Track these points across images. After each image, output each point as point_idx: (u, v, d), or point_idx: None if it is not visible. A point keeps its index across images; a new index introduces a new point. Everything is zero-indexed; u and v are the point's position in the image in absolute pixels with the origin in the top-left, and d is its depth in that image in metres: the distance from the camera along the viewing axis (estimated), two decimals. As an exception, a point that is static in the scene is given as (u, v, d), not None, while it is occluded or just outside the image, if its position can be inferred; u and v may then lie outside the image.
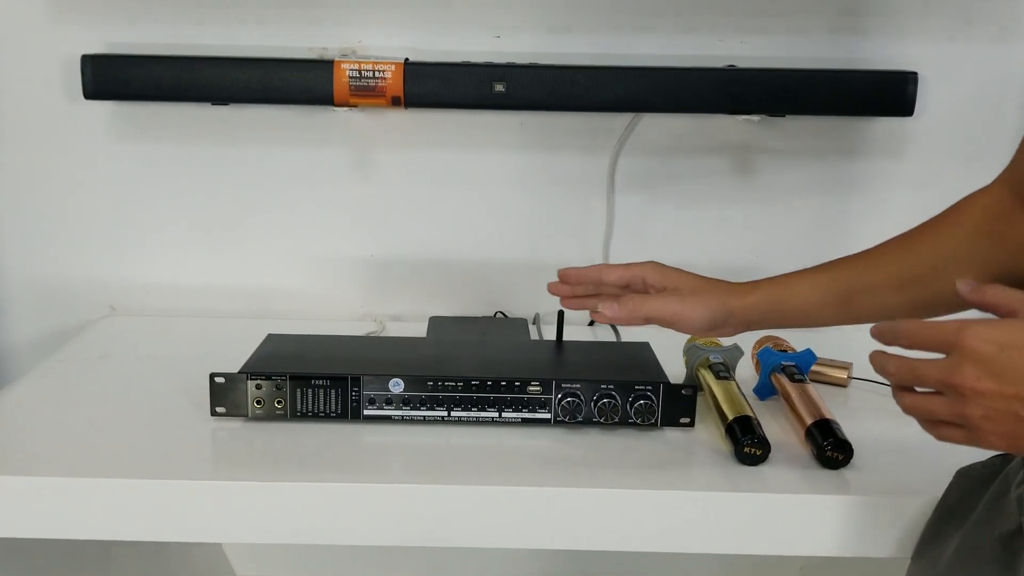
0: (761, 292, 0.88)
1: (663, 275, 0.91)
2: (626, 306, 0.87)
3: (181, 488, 0.84)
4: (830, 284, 0.87)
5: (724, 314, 0.87)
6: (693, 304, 0.87)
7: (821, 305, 0.87)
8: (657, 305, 0.87)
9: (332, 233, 1.32)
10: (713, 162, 1.30)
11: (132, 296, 1.34)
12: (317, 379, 0.96)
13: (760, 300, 0.88)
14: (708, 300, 0.87)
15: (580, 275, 0.94)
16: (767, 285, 0.89)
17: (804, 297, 0.87)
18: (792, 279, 0.89)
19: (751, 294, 0.88)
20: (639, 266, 0.92)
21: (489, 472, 0.87)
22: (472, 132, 1.28)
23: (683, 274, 0.91)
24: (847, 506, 0.85)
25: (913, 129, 1.28)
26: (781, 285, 0.88)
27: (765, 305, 0.88)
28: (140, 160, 1.29)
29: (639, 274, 0.92)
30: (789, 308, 0.88)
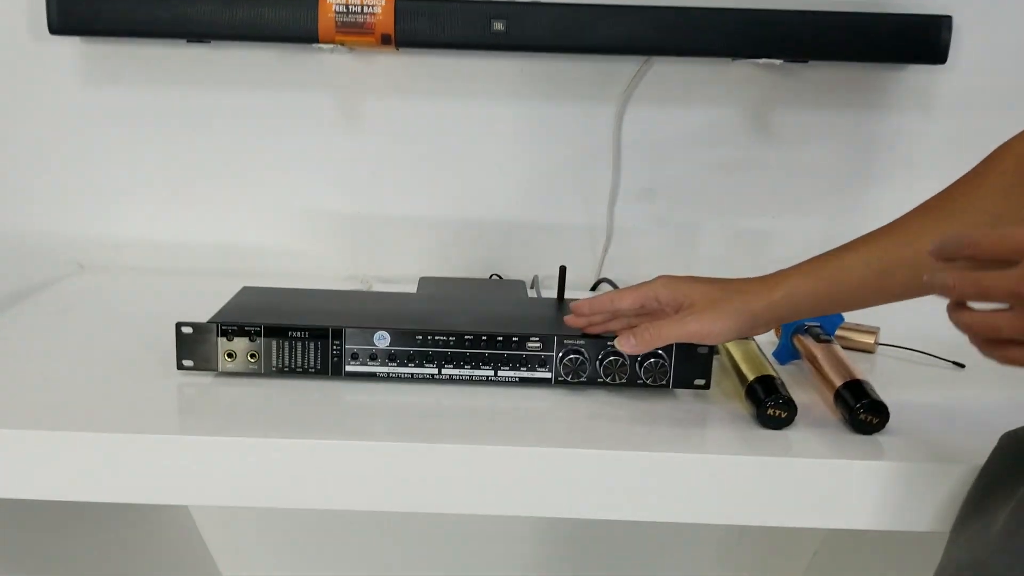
0: (787, 286, 0.80)
1: (675, 291, 0.84)
2: (642, 338, 0.82)
3: (141, 443, 0.76)
4: (866, 265, 0.79)
5: (748, 320, 0.80)
6: (712, 319, 0.80)
7: (857, 288, 0.80)
8: (674, 329, 0.81)
9: (316, 187, 1.26)
10: (729, 114, 1.23)
11: (102, 253, 1.28)
12: (295, 331, 0.87)
13: (787, 295, 0.80)
14: (727, 312, 0.80)
15: (593, 306, 0.88)
16: (793, 277, 0.81)
17: (838, 282, 0.80)
18: (821, 264, 0.81)
19: (775, 290, 0.80)
20: (649, 286, 0.85)
21: (483, 435, 0.79)
22: (468, 79, 1.22)
23: (696, 285, 0.84)
24: (881, 474, 0.77)
25: (945, 79, 1.21)
26: (810, 274, 0.81)
27: (795, 299, 0.80)
28: (111, 106, 1.23)
29: (651, 294, 0.85)
30: (823, 297, 0.80)
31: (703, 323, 0.80)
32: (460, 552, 1.46)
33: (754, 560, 1.44)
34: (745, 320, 0.80)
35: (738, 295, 0.81)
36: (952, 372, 1.00)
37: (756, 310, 0.80)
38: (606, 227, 1.25)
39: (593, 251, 1.26)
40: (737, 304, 0.80)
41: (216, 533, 1.45)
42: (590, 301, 0.88)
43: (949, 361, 1.01)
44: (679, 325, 0.81)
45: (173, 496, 0.78)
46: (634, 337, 0.82)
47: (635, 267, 1.25)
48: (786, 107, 1.22)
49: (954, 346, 1.04)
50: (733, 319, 0.80)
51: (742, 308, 0.80)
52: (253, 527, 1.46)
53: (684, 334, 0.81)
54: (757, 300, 0.80)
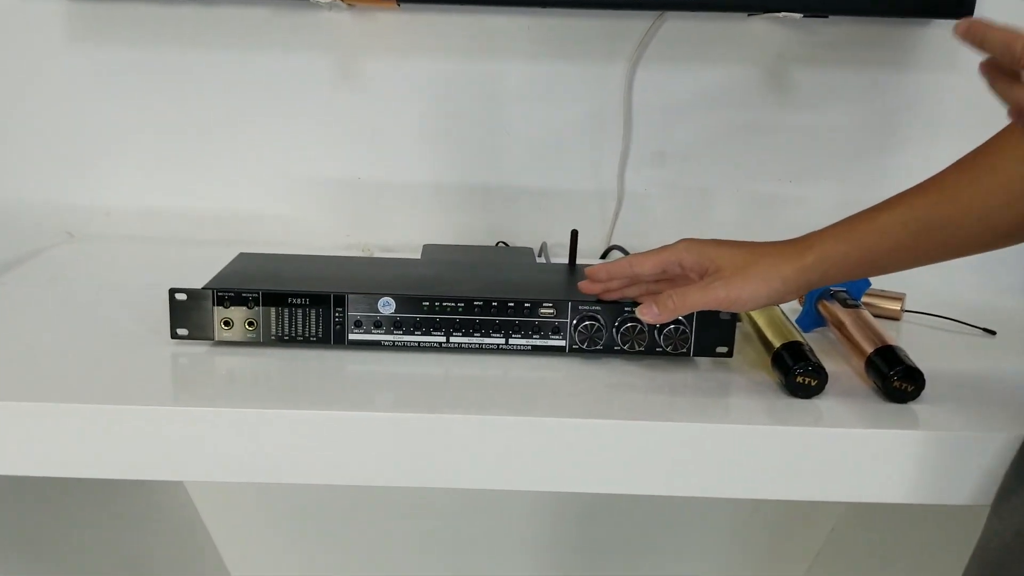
0: (819, 249, 0.75)
1: (700, 255, 0.79)
2: (666, 306, 0.77)
3: (133, 416, 0.71)
4: (902, 226, 0.75)
5: (779, 285, 0.75)
6: (740, 285, 0.75)
7: (892, 250, 0.75)
8: (700, 296, 0.76)
9: (314, 151, 1.21)
10: (745, 74, 1.18)
11: (91, 221, 1.23)
12: (295, 297, 0.82)
13: (819, 259, 0.75)
14: (756, 276, 0.75)
15: (610, 271, 0.82)
16: (825, 239, 0.76)
17: (872, 245, 0.75)
18: (854, 226, 0.76)
19: (807, 254, 0.76)
20: (672, 249, 0.80)
21: (493, 406, 0.75)
22: (473, 37, 1.17)
23: (722, 248, 0.78)
24: (918, 444, 0.73)
25: (970, 37, 1.14)
26: (842, 236, 0.76)
27: (826, 263, 0.75)
28: (99, 67, 1.17)
29: (673, 259, 0.80)
30: (856, 260, 0.76)
31: (731, 289, 0.75)
32: (466, 528, 1.42)
33: (769, 535, 1.41)
34: (775, 286, 0.75)
35: (767, 259, 0.76)
36: (983, 339, 0.96)
37: (787, 275, 0.75)
38: (616, 192, 1.21)
39: (603, 217, 1.22)
40: (766, 268, 0.75)
41: (214, 511, 1.41)
42: (607, 266, 0.83)
43: (980, 328, 0.97)
44: (705, 292, 0.76)
45: (167, 472, 0.74)
46: (656, 305, 0.77)
47: (647, 233, 1.20)
48: (804, 66, 1.17)
49: (982, 312, 1.00)
50: (763, 284, 0.75)
51: (772, 273, 0.75)
52: (252, 505, 1.42)
53: (711, 301, 0.76)
54: (787, 264, 0.75)
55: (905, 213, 0.75)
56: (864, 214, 0.76)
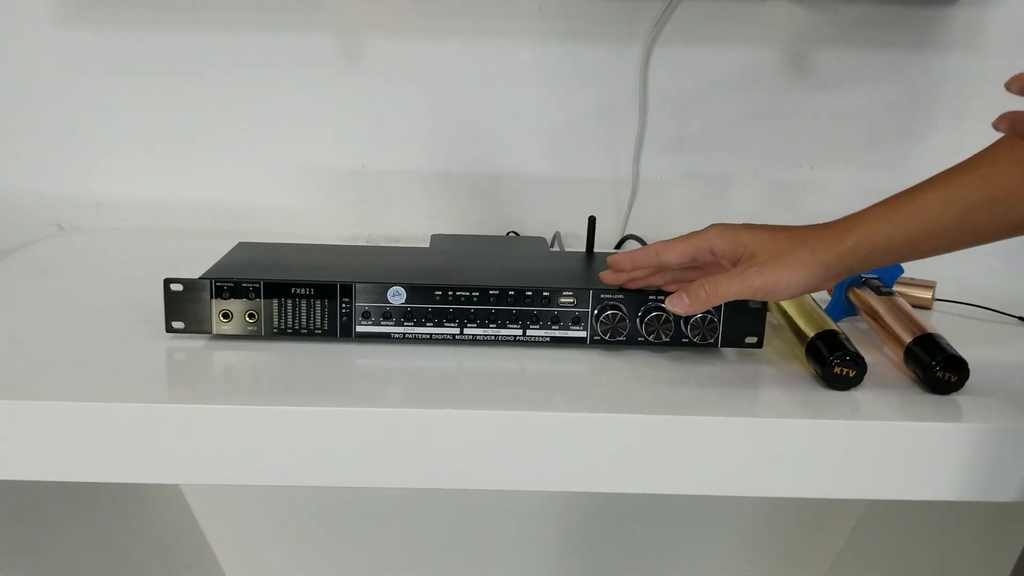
0: (860, 232, 0.71)
1: (733, 241, 0.74)
2: (698, 296, 0.72)
3: (125, 414, 0.67)
4: (946, 205, 0.70)
5: (818, 271, 0.71)
6: (777, 272, 0.70)
7: (936, 232, 0.71)
8: (734, 285, 0.71)
9: (315, 138, 1.17)
10: (764, 56, 1.14)
11: (82, 212, 1.18)
12: (299, 287, 0.78)
13: (859, 242, 0.71)
14: (795, 262, 0.71)
15: (635, 260, 0.77)
16: (865, 222, 0.71)
17: (915, 227, 0.71)
18: (895, 207, 0.72)
19: (846, 237, 0.71)
20: (702, 236, 0.75)
21: (511, 401, 0.70)
22: (483, 17, 1.13)
23: (756, 233, 0.74)
24: (965, 438, 0.69)
25: (996, 16, 1.12)
26: (883, 218, 0.71)
27: (868, 247, 0.71)
28: (90, 51, 1.13)
29: (704, 245, 0.75)
30: (899, 243, 0.71)
31: (767, 276, 0.70)
32: (472, 530, 1.38)
33: (787, 536, 1.36)
34: (814, 272, 0.71)
35: (804, 244, 0.71)
36: (1018, 328, 0.91)
37: (826, 260, 0.71)
38: (631, 179, 1.17)
39: (618, 205, 1.17)
40: (804, 254, 0.71)
41: (211, 514, 1.36)
42: (631, 255, 0.78)
43: (1015, 316, 0.93)
44: (740, 280, 0.71)
45: (162, 474, 0.69)
46: (687, 295, 0.72)
47: (663, 222, 1.16)
48: (824, 48, 1.13)
49: (1014, 301, 0.96)
50: (801, 271, 0.70)
51: (810, 258, 0.71)
52: (250, 507, 1.37)
53: (746, 290, 0.71)
54: (826, 249, 0.71)
55: (949, 192, 0.70)
56: (906, 194, 0.72)
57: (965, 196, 0.70)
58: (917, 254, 0.73)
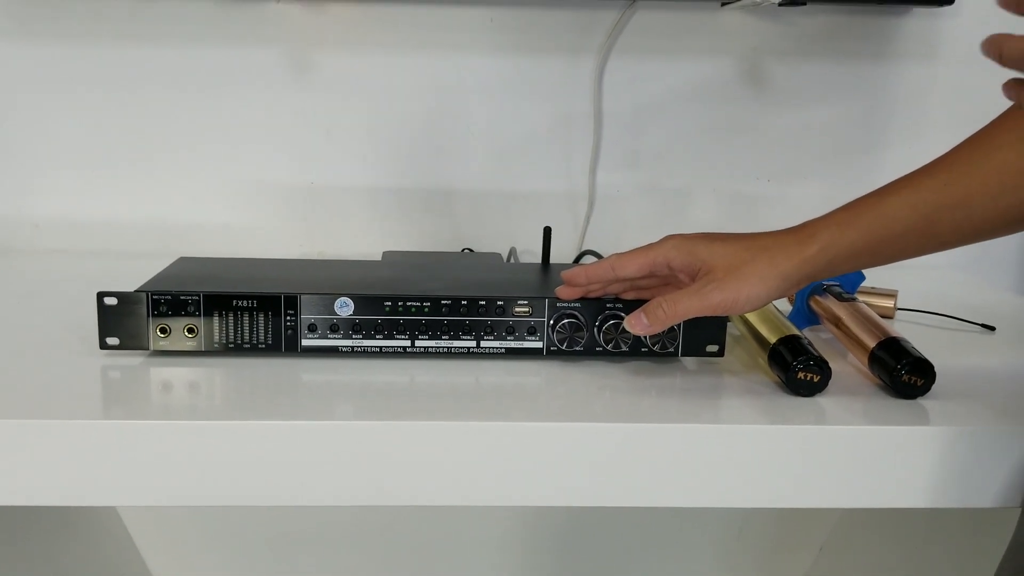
0: (822, 238, 0.69)
1: (690, 254, 0.72)
2: (656, 316, 0.70)
3: (52, 432, 0.62)
4: (911, 209, 0.69)
5: (779, 282, 0.69)
6: (737, 287, 0.68)
7: (901, 236, 0.69)
8: (694, 303, 0.69)
9: (261, 155, 1.13)
10: (720, 67, 1.13)
11: (18, 233, 1.14)
12: (241, 299, 0.74)
13: (822, 249, 0.69)
14: (753, 275, 0.69)
15: (590, 274, 0.75)
16: (828, 228, 0.70)
17: (879, 231, 0.69)
18: (859, 212, 0.70)
19: (808, 244, 0.69)
20: (658, 249, 0.73)
21: (464, 415, 0.67)
22: (433, 30, 1.10)
23: (714, 246, 0.71)
24: (937, 441, 0.67)
25: (952, 25, 1.12)
26: (846, 224, 0.70)
27: (830, 253, 0.69)
28: (26, 65, 1.09)
29: (661, 259, 0.73)
30: (863, 248, 0.69)
31: (727, 292, 0.68)
32: (432, 549, 1.32)
33: (754, 559, 1.33)
34: (775, 283, 0.69)
35: (763, 254, 0.69)
36: (982, 336, 0.90)
37: (787, 270, 0.69)
38: (588, 194, 1.15)
39: (574, 220, 1.15)
40: (762, 266, 0.69)
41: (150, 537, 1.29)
42: (586, 269, 0.75)
43: (979, 324, 0.91)
44: (699, 297, 0.69)
45: (97, 496, 0.65)
46: (646, 316, 0.70)
47: (620, 237, 1.14)
48: (781, 58, 1.12)
49: (975, 311, 0.95)
50: (761, 284, 0.68)
51: (769, 270, 0.69)
52: (192, 529, 1.29)
53: (706, 307, 0.69)
54: (787, 259, 0.69)
55: (913, 195, 0.69)
56: (868, 198, 0.70)
57: (929, 200, 0.68)
58: (880, 259, 0.71)
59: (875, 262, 0.71)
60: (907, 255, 0.71)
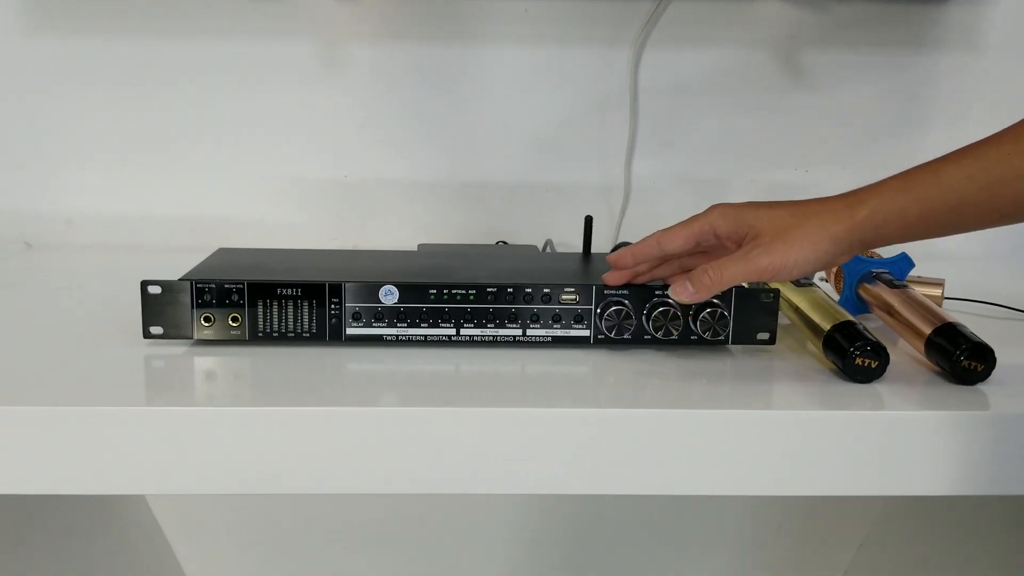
0: (873, 203, 0.67)
1: (737, 220, 0.70)
2: (701, 282, 0.69)
3: (96, 420, 0.61)
4: (969, 179, 0.66)
5: (828, 246, 0.67)
6: (785, 250, 0.67)
7: (957, 206, 0.66)
8: (740, 267, 0.68)
9: (295, 149, 1.13)
10: (755, 57, 1.11)
11: (51, 229, 1.14)
12: (285, 287, 0.73)
13: (872, 214, 0.67)
14: (802, 238, 0.67)
15: (636, 254, 0.74)
16: (880, 193, 0.68)
17: (933, 200, 0.67)
18: (913, 180, 0.68)
19: (858, 209, 0.67)
20: (703, 219, 0.72)
21: (512, 403, 0.65)
22: (467, 21, 1.10)
23: (760, 211, 0.70)
24: (997, 426, 0.65)
25: (993, 15, 1.11)
26: (900, 190, 0.67)
27: (881, 219, 0.67)
28: (59, 59, 1.09)
29: (707, 228, 0.72)
30: (915, 217, 0.67)
31: (774, 255, 0.67)
32: (471, 539, 1.30)
33: (793, 555, 1.31)
34: (824, 247, 0.67)
35: (812, 218, 0.68)
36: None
37: (836, 233, 0.67)
38: (623, 185, 1.14)
39: (610, 212, 1.14)
40: (811, 228, 0.67)
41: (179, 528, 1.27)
42: (631, 249, 0.74)
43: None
44: (745, 261, 0.67)
45: (140, 485, 0.64)
46: (691, 282, 0.69)
47: (656, 228, 1.11)
48: (818, 47, 1.11)
49: (1018, 301, 0.93)
50: (811, 247, 0.67)
51: (819, 233, 0.67)
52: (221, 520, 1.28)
53: (752, 271, 0.67)
54: (836, 222, 0.67)
55: (972, 165, 0.66)
56: (923, 167, 0.68)
57: (990, 169, 0.65)
58: (933, 230, 0.68)
59: (929, 233, 0.69)
60: (964, 228, 0.68)
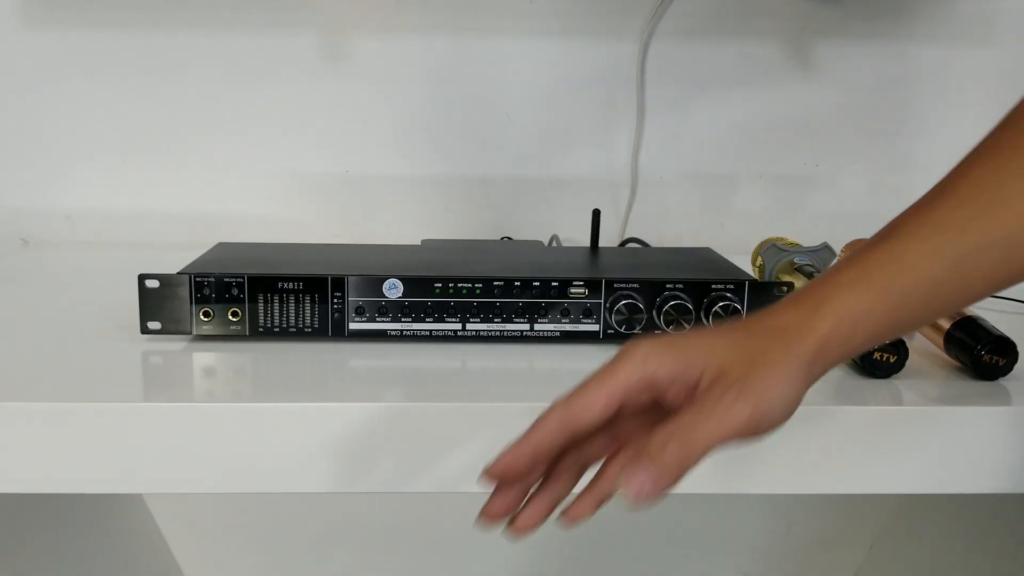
0: (832, 309, 0.52)
1: (682, 358, 0.50)
2: (664, 462, 0.47)
3: (93, 417, 0.60)
4: (933, 254, 0.53)
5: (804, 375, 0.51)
6: (762, 391, 0.49)
7: (928, 290, 0.53)
8: (716, 426, 0.48)
9: (297, 143, 1.11)
10: (764, 50, 1.10)
11: (50, 226, 1.11)
12: (287, 281, 0.71)
13: (838, 323, 0.51)
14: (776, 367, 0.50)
15: (536, 446, 0.50)
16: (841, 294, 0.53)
17: (902, 292, 0.53)
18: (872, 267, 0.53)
19: (817, 321, 0.51)
20: (625, 365, 0.50)
21: (518, 402, 0.63)
22: (472, 13, 1.08)
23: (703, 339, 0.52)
24: (1019, 422, 0.63)
25: (1008, 8, 1.09)
26: (862, 285, 0.53)
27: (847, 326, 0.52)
28: (58, 52, 1.07)
29: (641, 378, 0.50)
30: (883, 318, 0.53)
31: (752, 399, 0.48)
32: (473, 542, 1.29)
33: (803, 557, 1.30)
34: (800, 377, 0.50)
35: (777, 337, 0.51)
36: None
37: (806, 357, 0.50)
38: (630, 180, 1.12)
39: (616, 207, 1.13)
40: (778, 356, 0.50)
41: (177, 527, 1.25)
42: (523, 445, 0.50)
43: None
44: (720, 415, 0.48)
45: (132, 484, 0.62)
46: (649, 465, 0.46)
47: (663, 225, 1.11)
48: (828, 40, 1.10)
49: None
50: (786, 382, 0.50)
51: (786, 362, 0.50)
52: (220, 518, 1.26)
53: (732, 428, 0.48)
54: (799, 342, 0.51)
55: (936, 237, 0.53)
56: (878, 246, 0.54)
57: (957, 241, 0.53)
58: (906, 326, 0.56)
59: (900, 330, 0.57)
60: (938, 314, 0.57)
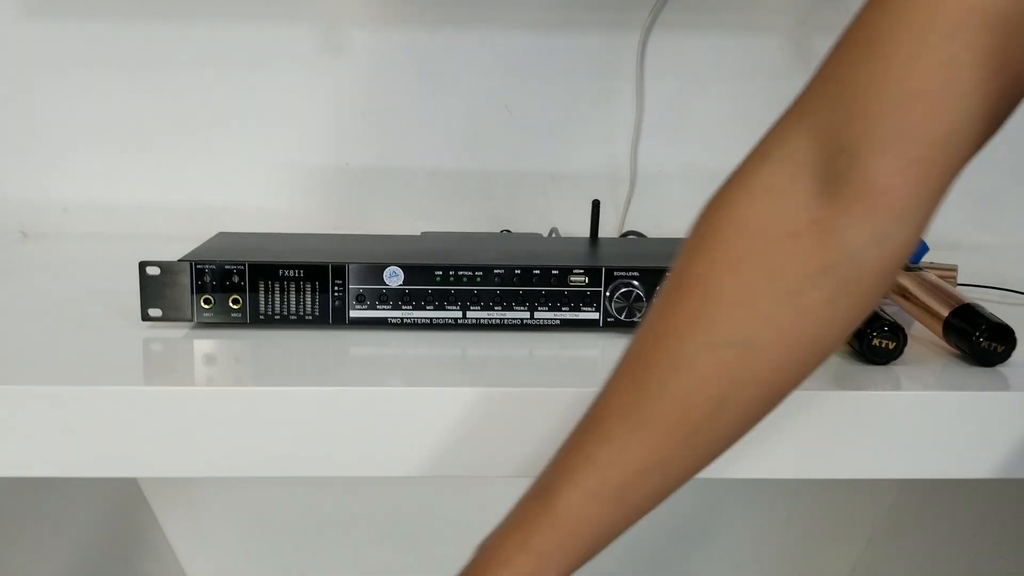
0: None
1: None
2: None
3: (92, 402, 0.60)
4: (590, 498, 0.49)
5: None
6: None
7: (589, 537, 0.50)
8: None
9: (294, 135, 1.11)
10: (765, 43, 1.10)
11: (47, 217, 1.11)
12: (287, 269, 0.71)
13: None
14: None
15: None
16: (505, 562, 0.50)
17: (560, 541, 0.50)
18: (528, 528, 0.50)
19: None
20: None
21: (519, 388, 0.63)
22: (470, 4, 1.08)
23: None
24: (1017, 407, 0.64)
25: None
26: (520, 549, 0.50)
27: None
28: (55, 43, 1.07)
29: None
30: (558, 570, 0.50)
31: None
32: (458, 519, 1.27)
33: (803, 548, 1.30)
34: None
35: None
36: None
37: None
38: (630, 173, 1.12)
39: (615, 201, 1.12)
40: None
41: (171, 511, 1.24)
42: None
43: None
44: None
45: (131, 468, 0.62)
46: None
47: (662, 218, 1.11)
48: (829, 34, 1.08)
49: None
50: None
51: None
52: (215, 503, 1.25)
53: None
54: None
55: (590, 478, 0.49)
56: (535, 498, 0.51)
57: (611, 479, 0.49)
58: (589, 558, 0.51)
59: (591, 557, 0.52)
60: (610, 541, 0.51)
